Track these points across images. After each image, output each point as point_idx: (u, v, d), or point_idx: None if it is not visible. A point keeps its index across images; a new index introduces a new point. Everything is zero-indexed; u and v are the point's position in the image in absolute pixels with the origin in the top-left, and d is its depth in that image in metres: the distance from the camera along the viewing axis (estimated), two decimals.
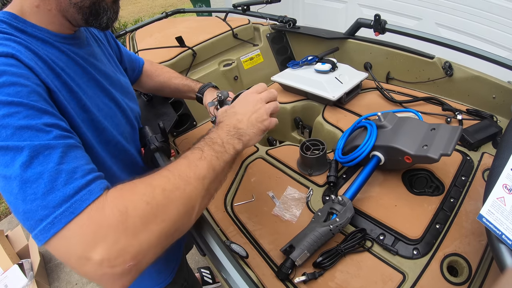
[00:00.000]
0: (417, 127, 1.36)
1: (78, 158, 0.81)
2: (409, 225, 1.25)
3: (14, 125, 0.74)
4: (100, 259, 0.69)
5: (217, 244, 0.97)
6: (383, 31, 2.06)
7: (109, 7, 1.05)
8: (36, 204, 0.71)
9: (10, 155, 0.73)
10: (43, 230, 0.70)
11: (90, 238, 0.70)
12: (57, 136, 0.80)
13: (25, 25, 0.96)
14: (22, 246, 3.53)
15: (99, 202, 0.75)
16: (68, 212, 0.71)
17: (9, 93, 0.77)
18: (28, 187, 0.72)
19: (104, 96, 1.21)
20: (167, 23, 3.15)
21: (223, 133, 1.05)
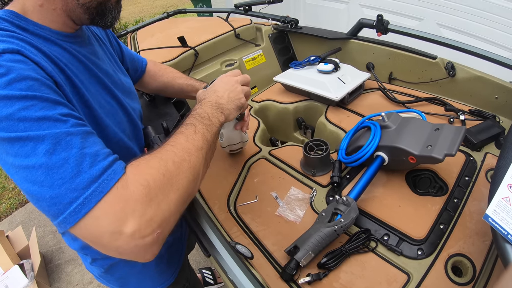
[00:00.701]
0: (421, 128, 1.36)
1: (97, 142, 0.86)
2: (413, 225, 1.24)
3: (32, 117, 0.76)
4: (132, 232, 0.75)
5: (223, 245, 0.98)
6: (386, 32, 2.06)
7: (114, 7, 1.07)
8: (64, 188, 0.75)
9: (30, 145, 0.75)
10: (73, 212, 0.74)
11: (120, 213, 0.75)
12: (74, 124, 0.83)
13: (27, 23, 0.96)
14: (23, 246, 3.53)
15: (123, 180, 0.80)
16: (97, 192, 0.76)
17: (21, 87, 0.78)
18: (55, 173, 0.75)
19: (106, 94, 1.22)
20: (169, 23, 3.14)
21: (208, 108, 1.17)
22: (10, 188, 4.94)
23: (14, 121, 0.75)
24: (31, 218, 4.29)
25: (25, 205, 4.56)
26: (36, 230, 3.75)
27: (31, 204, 4.29)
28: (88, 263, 1.45)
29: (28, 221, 4.25)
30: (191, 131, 1.02)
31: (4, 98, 0.75)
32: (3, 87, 0.76)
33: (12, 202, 4.63)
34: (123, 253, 0.79)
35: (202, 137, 1.02)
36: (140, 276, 1.55)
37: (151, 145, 1.38)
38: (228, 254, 0.95)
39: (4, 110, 0.75)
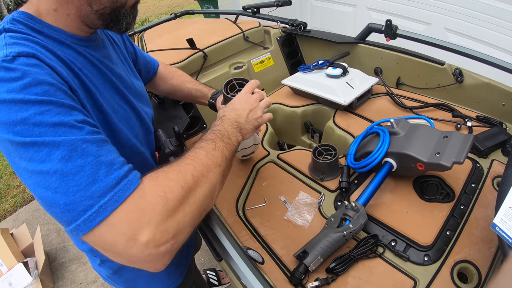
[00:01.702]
0: (430, 135, 1.37)
1: (112, 151, 0.86)
2: (420, 231, 1.25)
3: (48, 122, 0.77)
4: (146, 241, 0.75)
5: (236, 250, 0.99)
6: (394, 37, 2.06)
7: (129, 13, 1.06)
8: (79, 195, 0.75)
9: (45, 150, 0.75)
10: (87, 220, 0.74)
11: (136, 222, 0.76)
12: (89, 131, 0.83)
13: (42, 26, 0.97)
14: (27, 244, 3.54)
15: (140, 190, 0.81)
16: (113, 201, 0.76)
17: (37, 92, 0.78)
18: (70, 180, 0.75)
19: (119, 99, 1.22)
20: (177, 24, 3.14)
21: (228, 126, 1.17)
22: (15, 186, 4.95)
23: (29, 125, 0.75)
24: (36, 216, 4.30)
25: (29, 203, 4.57)
26: (41, 228, 3.76)
27: (36, 202, 4.33)
28: (97, 264, 1.46)
29: (33, 219, 4.25)
30: (211, 147, 1.02)
31: (19, 102, 0.76)
32: (18, 91, 0.77)
33: (17, 199, 4.64)
34: (135, 262, 0.80)
35: (221, 154, 1.03)
36: (148, 278, 1.55)
37: (162, 149, 1.38)
38: (242, 260, 0.96)
39: (19, 114, 0.75)
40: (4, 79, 0.78)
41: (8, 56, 0.81)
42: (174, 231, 0.81)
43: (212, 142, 1.05)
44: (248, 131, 1.25)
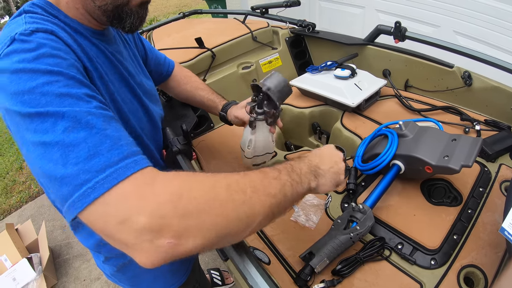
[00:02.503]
0: (438, 137, 1.36)
1: (119, 129, 0.82)
2: (427, 235, 1.25)
3: (54, 92, 0.75)
4: (141, 227, 0.66)
5: (243, 251, 0.98)
6: (403, 39, 2.06)
7: (133, 12, 1.04)
8: (77, 168, 0.71)
9: (50, 121, 0.73)
10: (82, 195, 0.69)
11: (134, 206, 0.68)
12: (97, 106, 0.81)
13: (59, 13, 0.98)
14: (32, 240, 3.55)
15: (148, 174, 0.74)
16: (111, 178, 0.70)
17: (48, 63, 0.78)
18: (71, 151, 0.71)
19: (128, 92, 1.23)
20: (185, 23, 3.15)
21: (304, 166, 1.05)
22: (20, 182, 4.98)
23: (36, 95, 0.74)
24: (41, 212, 4.32)
25: (35, 199, 4.59)
26: (46, 224, 3.77)
27: (41, 199, 4.35)
28: (101, 261, 1.46)
29: (38, 215, 4.27)
30: (272, 176, 0.90)
31: (29, 72, 0.76)
32: (30, 60, 0.77)
33: (23, 195, 4.66)
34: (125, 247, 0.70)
35: (280, 187, 0.89)
36: (152, 276, 1.55)
37: (169, 147, 1.38)
38: (249, 261, 0.95)
39: (28, 84, 0.75)
40: (18, 50, 0.79)
41: (26, 30, 0.82)
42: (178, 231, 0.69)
43: (277, 171, 0.92)
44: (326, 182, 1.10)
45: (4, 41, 0.81)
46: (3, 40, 0.82)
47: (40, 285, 3.15)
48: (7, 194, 4.82)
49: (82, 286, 3.34)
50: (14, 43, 0.80)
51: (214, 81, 2.34)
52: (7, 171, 5.38)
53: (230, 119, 1.59)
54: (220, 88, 2.19)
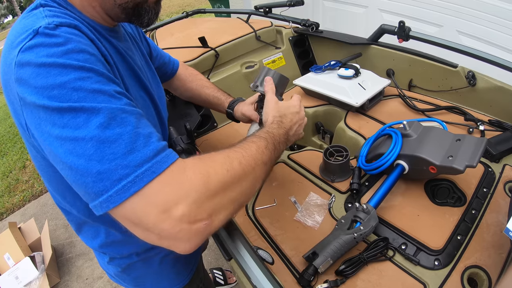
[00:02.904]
0: (442, 137, 1.35)
1: (149, 126, 0.85)
2: (431, 235, 1.24)
3: (88, 88, 0.76)
4: (181, 215, 0.73)
5: (247, 250, 0.98)
6: (407, 38, 2.06)
7: (151, 8, 1.06)
8: (115, 164, 0.73)
9: (83, 116, 0.74)
10: (121, 190, 0.72)
11: (173, 195, 0.74)
12: (128, 103, 0.83)
13: (73, 9, 0.98)
14: (35, 239, 3.58)
15: (179, 165, 0.80)
16: (150, 172, 0.74)
17: (78, 59, 0.79)
18: (107, 147, 0.73)
19: (140, 88, 1.24)
20: (188, 23, 3.16)
21: (282, 134, 1.18)
22: (23, 181, 4.99)
23: (68, 89, 0.74)
24: (44, 211, 4.33)
25: (38, 197, 4.61)
26: (49, 223, 3.78)
27: (44, 197, 4.36)
28: (105, 262, 1.45)
29: (41, 214, 4.28)
30: (263, 145, 1.02)
31: (59, 66, 0.75)
32: (60, 55, 0.77)
33: (26, 194, 4.67)
34: (165, 238, 0.77)
35: (269, 155, 1.02)
36: (157, 277, 1.55)
37: (173, 146, 1.38)
38: (252, 259, 0.95)
39: (58, 78, 0.74)
40: (45, 44, 0.78)
41: (50, 24, 0.82)
42: (211, 211, 0.79)
43: (265, 141, 1.04)
44: (290, 143, 1.28)
45: (26, 34, 0.80)
46: (23, 32, 0.81)
47: (43, 284, 3.17)
48: (10, 192, 4.84)
49: (84, 284, 3.35)
50: (38, 37, 0.79)
51: (218, 80, 2.34)
52: (10, 170, 5.40)
53: (237, 116, 1.59)
54: (223, 88, 2.18)
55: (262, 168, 0.97)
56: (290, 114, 1.29)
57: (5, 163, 5.67)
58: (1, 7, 22.37)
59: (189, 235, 0.76)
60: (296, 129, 1.28)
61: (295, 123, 1.28)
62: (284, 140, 1.18)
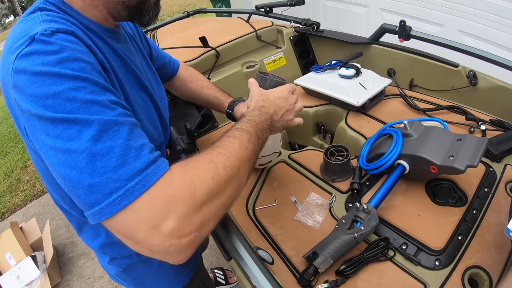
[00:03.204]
0: (443, 137, 1.35)
1: (142, 136, 0.85)
2: (432, 235, 1.24)
3: (81, 98, 0.76)
4: (170, 230, 0.73)
5: (247, 251, 0.98)
6: (408, 38, 2.05)
7: (152, 8, 1.08)
8: (106, 177, 0.73)
9: (75, 128, 0.74)
10: (112, 203, 0.72)
11: (161, 210, 0.74)
12: (122, 113, 0.82)
13: (72, 11, 0.97)
14: (36, 238, 3.58)
15: (168, 177, 0.79)
16: (140, 185, 0.74)
17: (73, 67, 0.78)
18: (98, 160, 0.73)
19: (140, 90, 1.24)
20: (189, 22, 3.16)
21: (264, 120, 1.15)
22: (25, 180, 4.99)
23: (61, 100, 0.74)
24: (45, 210, 4.33)
25: (39, 197, 4.61)
26: (50, 223, 3.79)
27: (46, 197, 4.36)
28: (106, 262, 1.45)
29: (42, 214, 4.29)
30: (246, 139, 1.00)
31: (54, 76, 0.75)
32: (54, 64, 0.76)
33: (27, 194, 4.68)
34: (156, 252, 0.77)
35: (253, 148, 1.01)
36: (157, 277, 1.54)
37: (173, 146, 1.38)
38: (252, 260, 0.95)
39: (52, 88, 0.74)
40: (40, 52, 0.78)
41: (47, 30, 0.81)
42: (200, 222, 0.79)
43: (247, 133, 1.03)
44: (277, 130, 1.26)
45: (22, 40, 0.80)
46: (20, 38, 0.81)
47: (44, 283, 3.17)
48: (12, 192, 4.84)
49: (86, 284, 3.35)
50: (34, 43, 0.79)
51: (218, 80, 2.34)
52: (11, 169, 5.41)
53: (237, 117, 1.57)
54: (224, 87, 2.18)
55: (246, 165, 0.96)
56: (274, 98, 1.27)
57: (6, 163, 5.68)
58: (2, 7, 22.41)
59: (179, 249, 0.77)
60: (282, 114, 1.25)
61: (281, 108, 1.25)
62: (267, 126, 1.16)
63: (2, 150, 6.25)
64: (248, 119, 1.11)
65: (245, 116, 1.14)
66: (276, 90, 1.31)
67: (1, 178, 5.26)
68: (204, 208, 0.80)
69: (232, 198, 0.91)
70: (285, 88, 1.32)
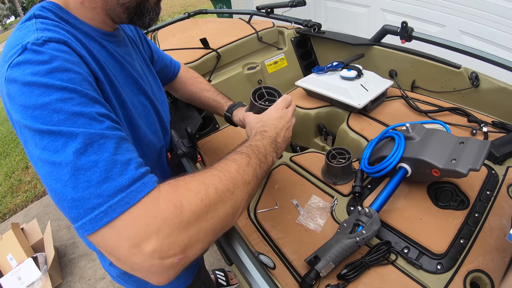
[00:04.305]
0: (446, 140, 1.34)
1: (130, 150, 0.82)
2: (434, 239, 1.23)
3: (68, 110, 0.75)
4: (152, 250, 0.71)
5: (248, 256, 0.97)
6: (410, 39, 2.05)
7: (152, 8, 1.07)
8: (89, 192, 0.71)
9: (61, 140, 0.73)
10: (94, 219, 0.71)
11: (144, 229, 0.71)
12: (110, 127, 0.81)
13: (69, 17, 0.97)
14: (37, 239, 3.58)
15: (154, 195, 0.76)
16: (123, 202, 0.72)
17: (62, 78, 0.77)
18: (82, 175, 0.72)
19: (140, 95, 1.23)
20: (190, 23, 3.15)
21: (267, 144, 1.11)
22: (26, 181, 5.00)
23: (49, 111, 0.73)
24: (47, 211, 4.33)
25: (40, 198, 4.61)
26: (51, 224, 3.79)
27: (47, 198, 4.37)
28: (107, 264, 1.45)
29: (43, 215, 4.29)
30: (244, 163, 0.97)
31: (42, 86, 0.75)
32: (43, 74, 0.76)
33: (28, 195, 4.68)
34: (137, 270, 0.75)
35: (253, 173, 0.97)
36: None
37: (174, 149, 1.38)
38: (253, 265, 0.94)
39: (40, 99, 0.74)
40: (31, 61, 0.77)
41: (39, 39, 0.81)
42: (184, 245, 0.75)
43: (247, 157, 0.99)
44: (282, 150, 1.21)
45: (15, 49, 0.80)
46: (14, 46, 0.81)
47: (45, 285, 3.17)
48: (13, 193, 4.84)
49: (87, 285, 3.35)
50: (25, 53, 0.79)
51: (219, 82, 2.34)
52: (13, 170, 5.41)
53: (235, 121, 1.57)
54: (225, 89, 2.19)
55: (244, 189, 0.92)
56: (272, 120, 1.23)
57: (7, 164, 5.68)
58: (3, 7, 22.44)
59: (161, 270, 0.75)
60: (284, 134, 1.22)
61: (281, 129, 1.22)
62: (272, 149, 1.12)
63: (4, 151, 6.26)
64: (250, 144, 1.08)
65: (246, 141, 1.11)
66: (271, 111, 1.27)
67: (2, 179, 5.27)
68: (190, 231, 0.77)
69: (225, 222, 0.88)
70: (279, 106, 1.28)
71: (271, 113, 1.26)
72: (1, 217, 4.49)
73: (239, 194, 0.90)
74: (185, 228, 0.75)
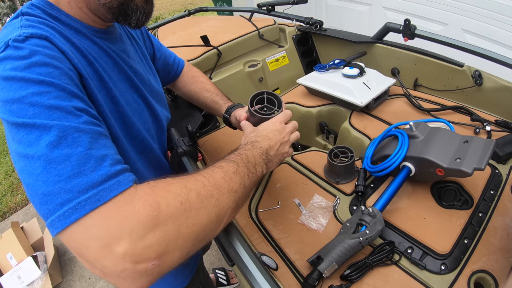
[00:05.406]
0: (450, 139, 1.33)
1: (107, 146, 0.81)
2: (437, 239, 1.22)
3: (44, 104, 0.74)
4: (124, 252, 0.66)
5: (250, 257, 0.96)
6: (413, 37, 2.04)
7: (139, 8, 1.04)
8: (58, 187, 0.69)
9: (35, 133, 0.72)
10: (62, 215, 0.68)
11: (115, 229, 0.68)
12: (87, 121, 0.80)
13: (59, 14, 0.97)
14: (37, 238, 3.58)
15: (129, 194, 0.73)
16: (94, 199, 0.69)
17: (40, 72, 0.77)
18: (53, 168, 0.70)
19: (133, 92, 1.22)
20: (190, 21, 3.14)
21: (258, 155, 1.09)
22: None
23: (25, 104, 0.73)
24: None
25: None
26: None
27: None
28: None
29: None
30: (232, 170, 0.94)
31: (20, 80, 0.75)
32: (22, 69, 0.76)
33: None
34: (108, 274, 0.69)
35: (240, 181, 0.94)
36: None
37: (174, 148, 1.36)
38: (256, 267, 0.93)
39: (18, 93, 0.74)
40: (11, 57, 0.78)
41: (20, 36, 0.82)
42: (161, 250, 0.71)
43: (235, 165, 0.97)
44: (273, 165, 1.18)
45: None
46: None
47: (45, 284, 3.16)
48: (13, 192, 4.83)
49: (87, 284, 3.34)
50: (7, 49, 0.80)
51: (220, 79, 2.33)
52: (12, 169, 5.41)
53: (233, 122, 1.55)
54: (226, 87, 2.18)
55: (230, 197, 0.89)
56: (268, 132, 1.20)
57: (7, 162, 5.68)
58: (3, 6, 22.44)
59: (133, 276, 0.69)
60: (278, 148, 1.18)
61: (276, 142, 1.18)
62: (262, 160, 1.09)
63: (3, 149, 6.25)
64: (239, 152, 1.06)
65: (236, 149, 1.09)
66: (268, 123, 1.25)
67: (2, 177, 5.26)
68: (167, 235, 0.72)
69: (209, 231, 0.83)
70: (277, 119, 1.25)
71: (268, 125, 1.23)
72: (1, 216, 4.48)
73: (225, 201, 0.87)
74: (162, 231, 0.71)
